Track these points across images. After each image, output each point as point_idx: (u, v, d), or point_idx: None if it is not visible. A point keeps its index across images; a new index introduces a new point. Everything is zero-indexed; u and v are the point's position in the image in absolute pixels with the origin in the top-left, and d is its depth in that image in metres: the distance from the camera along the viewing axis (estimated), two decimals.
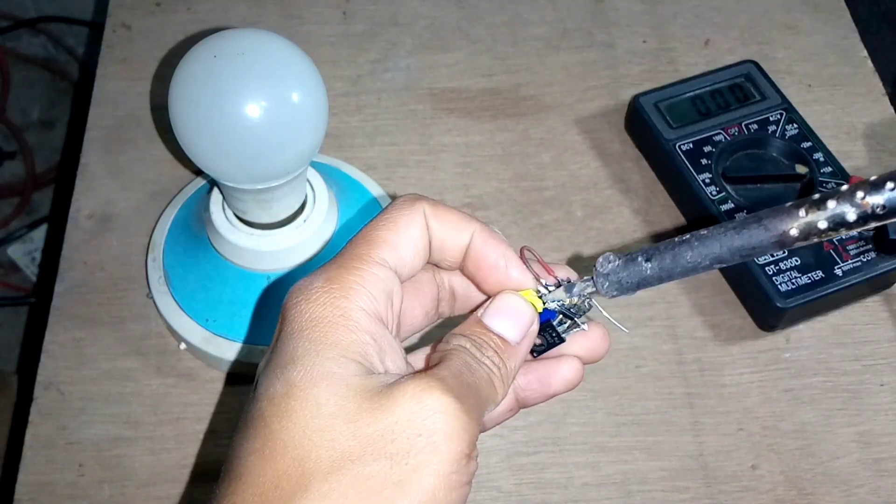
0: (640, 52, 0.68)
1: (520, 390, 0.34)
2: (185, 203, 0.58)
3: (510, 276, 0.32)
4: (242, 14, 0.69)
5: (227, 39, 0.44)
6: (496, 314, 0.31)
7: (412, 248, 0.31)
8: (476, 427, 0.27)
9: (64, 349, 0.54)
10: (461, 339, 0.30)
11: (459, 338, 0.30)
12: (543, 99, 0.65)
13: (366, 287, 0.29)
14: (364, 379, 0.27)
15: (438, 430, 0.26)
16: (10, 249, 1.17)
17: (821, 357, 0.54)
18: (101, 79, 0.65)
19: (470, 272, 0.33)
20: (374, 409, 0.26)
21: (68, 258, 0.57)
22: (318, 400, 0.27)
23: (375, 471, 0.26)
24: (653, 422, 0.52)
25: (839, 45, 0.69)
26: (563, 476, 0.50)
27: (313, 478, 0.26)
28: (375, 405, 0.26)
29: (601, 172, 0.62)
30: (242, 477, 0.27)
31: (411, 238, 0.31)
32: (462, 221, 0.32)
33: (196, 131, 0.44)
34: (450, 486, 0.26)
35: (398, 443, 0.26)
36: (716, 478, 0.50)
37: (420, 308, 0.34)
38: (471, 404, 0.27)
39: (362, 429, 0.26)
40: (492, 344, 0.30)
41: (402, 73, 0.66)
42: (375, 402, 0.27)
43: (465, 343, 0.30)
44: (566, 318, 0.33)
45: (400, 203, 0.32)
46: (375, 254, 0.30)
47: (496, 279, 0.32)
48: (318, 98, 0.46)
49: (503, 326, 0.31)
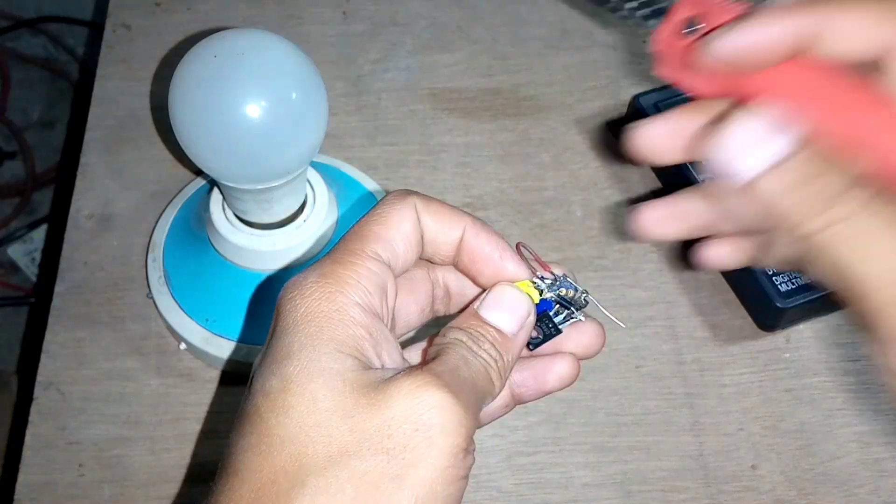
0: (640, 53, 0.68)
1: (515, 386, 0.34)
2: (185, 203, 0.58)
3: (505, 268, 0.32)
4: (242, 14, 0.69)
5: (227, 39, 0.44)
6: (492, 306, 0.31)
7: (404, 242, 0.31)
8: (473, 421, 0.27)
9: (64, 349, 0.54)
10: (458, 332, 0.30)
11: (456, 331, 0.30)
12: (543, 99, 0.65)
13: (360, 281, 0.29)
14: (360, 374, 0.27)
15: (435, 425, 0.26)
16: (10, 249, 1.17)
17: (821, 357, 0.54)
18: (101, 79, 0.65)
19: (465, 266, 0.33)
20: (370, 404, 0.26)
21: (68, 258, 0.57)
22: (314, 395, 0.27)
23: (372, 466, 0.26)
24: (653, 422, 0.52)
25: None
26: (563, 476, 0.50)
27: (310, 473, 0.26)
28: (372, 400, 0.27)
29: (601, 172, 0.62)
30: (239, 473, 0.27)
31: (403, 232, 0.31)
32: (454, 215, 0.32)
33: (196, 131, 0.44)
34: (447, 480, 0.26)
35: (395, 438, 0.26)
36: (716, 478, 0.50)
37: (415, 305, 0.34)
38: (467, 399, 0.27)
39: (359, 424, 0.26)
40: (489, 336, 0.30)
41: (402, 73, 0.66)
42: (372, 398, 0.27)
43: (462, 336, 0.30)
44: (563, 307, 0.33)
45: (391, 198, 0.32)
46: (369, 248, 0.30)
47: (491, 271, 0.32)
48: (318, 98, 0.46)
49: (500, 318, 0.31)
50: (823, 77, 0.28)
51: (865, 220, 0.25)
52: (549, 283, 0.33)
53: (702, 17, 0.29)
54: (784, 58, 0.27)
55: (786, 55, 0.27)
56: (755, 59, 0.27)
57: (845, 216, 0.25)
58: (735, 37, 0.27)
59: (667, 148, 0.31)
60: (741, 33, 0.27)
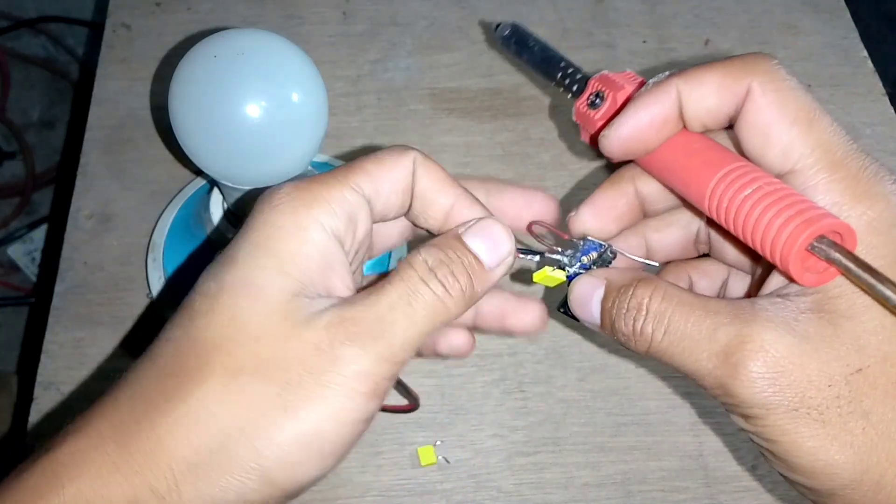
0: (640, 52, 0.68)
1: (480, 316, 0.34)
2: (185, 203, 0.58)
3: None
4: (242, 14, 0.69)
5: (227, 39, 0.44)
6: (477, 234, 0.31)
7: (391, 185, 0.31)
8: (378, 367, 0.27)
9: (64, 349, 0.54)
10: (431, 251, 0.30)
11: (429, 250, 0.30)
12: (543, 99, 0.65)
13: (330, 202, 0.29)
14: (287, 299, 0.28)
15: (330, 371, 0.27)
16: (10, 249, 1.17)
17: None
18: (101, 79, 0.65)
19: None
20: (281, 334, 0.27)
21: (68, 258, 0.57)
22: (236, 309, 0.27)
23: (264, 392, 0.27)
24: (653, 422, 0.52)
25: (839, 45, 0.69)
26: (563, 476, 0.50)
27: (207, 380, 0.27)
28: (284, 331, 0.27)
29: (601, 172, 0.62)
30: (152, 357, 0.28)
31: (394, 177, 0.31)
32: (449, 183, 0.32)
33: (196, 131, 0.44)
34: (339, 422, 0.27)
35: (292, 373, 0.27)
36: (716, 478, 0.50)
37: (395, 228, 0.35)
38: (379, 344, 0.27)
39: (264, 351, 0.27)
40: (465, 261, 0.30)
41: (402, 73, 0.66)
42: (286, 328, 0.27)
43: (430, 258, 0.29)
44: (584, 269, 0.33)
45: (393, 147, 0.31)
46: (351, 178, 0.30)
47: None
48: (318, 98, 0.46)
49: (481, 248, 0.30)
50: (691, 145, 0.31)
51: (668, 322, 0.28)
52: (570, 254, 0.32)
53: (606, 91, 0.34)
54: (666, 135, 0.31)
55: (666, 133, 0.31)
56: (640, 145, 0.31)
57: (651, 329, 0.29)
58: (617, 129, 0.31)
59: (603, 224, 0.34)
60: (621, 125, 0.30)
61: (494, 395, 0.53)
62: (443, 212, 0.32)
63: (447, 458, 0.51)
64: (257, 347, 0.27)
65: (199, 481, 0.26)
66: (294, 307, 0.28)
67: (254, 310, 0.27)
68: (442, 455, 0.51)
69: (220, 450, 0.26)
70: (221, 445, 0.26)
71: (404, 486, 0.50)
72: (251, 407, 0.26)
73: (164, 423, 0.26)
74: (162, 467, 0.26)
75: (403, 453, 0.51)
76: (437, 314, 0.29)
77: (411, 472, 0.51)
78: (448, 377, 0.53)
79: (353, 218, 0.30)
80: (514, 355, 0.54)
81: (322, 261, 0.29)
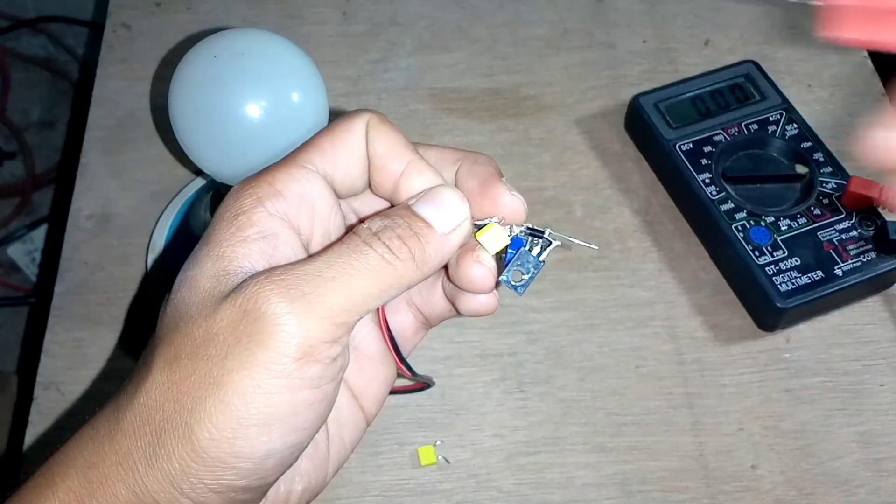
0: (640, 53, 0.68)
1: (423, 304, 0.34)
2: (185, 203, 0.58)
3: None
4: (242, 14, 0.69)
5: (227, 39, 0.44)
6: (427, 202, 0.30)
7: (347, 154, 0.30)
8: (311, 326, 0.27)
9: (64, 349, 0.54)
10: (375, 219, 0.29)
11: (373, 218, 0.29)
12: (543, 99, 0.65)
13: (275, 185, 0.29)
14: (218, 280, 0.28)
15: (256, 334, 0.26)
16: (10, 249, 1.17)
17: (821, 357, 0.54)
18: (101, 79, 0.65)
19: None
20: (210, 311, 0.27)
21: (68, 258, 0.57)
22: (178, 303, 0.28)
23: (198, 370, 0.27)
24: (653, 422, 0.52)
25: (839, 45, 0.69)
26: (563, 476, 0.50)
27: (155, 366, 0.28)
28: (214, 307, 0.27)
29: (601, 172, 0.62)
30: (147, 348, 0.30)
31: (348, 145, 0.30)
32: (402, 148, 0.31)
33: (196, 131, 0.44)
34: (270, 390, 0.26)
35: (218, 346, 0.27)
36: (716, 478, 0.50)
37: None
38: (311, 300, 0.27)
39: (196, 331, 0.27)
40: (415, 227, 0.29)
41: (402, 73, 0.66)
42: (216, 304, 0.27)
43: (375, 224, 0.29)
44: (535, 237, 0.32)
45: (347, 114, 0.31)
46: (302, 157, 0.30)
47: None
48: (318, 98, 0.46)
49: (432, 214, 0.29)
50: None
51: None
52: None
53: None
54: None
55: None
56: None
57: None
58: None
59: None
60: None
61: (494, 395, 0.53)
62: (392, 179, 0.31)
63: (447, 458, 0.51)
64: (191, 329, 0.27)
65: (157, 473, 0.27)
66: (224, 282, 0.28)
67: (189, 297, 0.28)
68: (442, 455, 0.51)
69: (160, 437, 0.27)
70: (161, 432, 0.27)
71: (404, 486, 0.50)
72: (186, 388, 0.27)
73: (120, 426, 0.28)
74: (124, 475, 0.27)
75: (403, 453, 0.51)
76: (383, 276, 0.28)
77: (411, 472, 0.51)
78: (448, 377, 0.53)
79: (304, 196, 0.29)
80: (514, 355, 0.54)
81: (265, 242, 0.28)
